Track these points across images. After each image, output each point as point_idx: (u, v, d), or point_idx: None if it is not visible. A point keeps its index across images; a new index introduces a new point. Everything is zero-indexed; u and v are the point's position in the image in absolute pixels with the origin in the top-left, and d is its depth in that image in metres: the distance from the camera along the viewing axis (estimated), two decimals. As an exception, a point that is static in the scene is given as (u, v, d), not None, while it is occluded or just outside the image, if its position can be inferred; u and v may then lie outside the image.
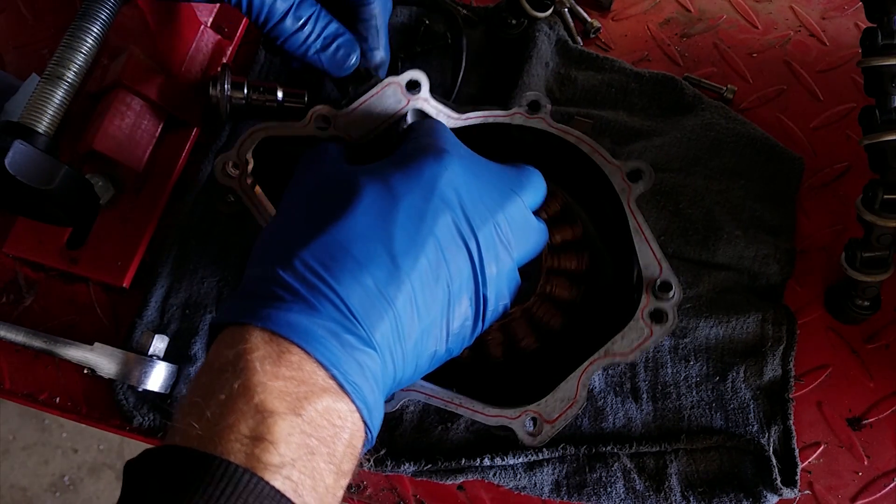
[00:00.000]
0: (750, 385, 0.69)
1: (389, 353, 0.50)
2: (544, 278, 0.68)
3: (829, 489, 0.69)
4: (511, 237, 0.57)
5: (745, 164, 0.77)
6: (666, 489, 0.66)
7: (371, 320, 0.48)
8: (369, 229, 0.51)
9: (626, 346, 0.61)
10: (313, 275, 0.48)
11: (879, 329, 0.74)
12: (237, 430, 0.42)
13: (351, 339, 0.47)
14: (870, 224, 0.68)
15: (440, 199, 0.53)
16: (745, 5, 0.88)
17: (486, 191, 0.57)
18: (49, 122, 0.61)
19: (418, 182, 0.54)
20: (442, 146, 0.57)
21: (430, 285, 0.51)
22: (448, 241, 0.53)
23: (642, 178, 0.66)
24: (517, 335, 0.67)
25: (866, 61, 0.66)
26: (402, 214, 0.52)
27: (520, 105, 0.69)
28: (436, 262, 0.52)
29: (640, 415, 0.69)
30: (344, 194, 0.53)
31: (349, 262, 0.49)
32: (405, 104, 0.66)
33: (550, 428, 0.60)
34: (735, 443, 0.67)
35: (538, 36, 0.81)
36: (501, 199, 0.57)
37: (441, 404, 0.61)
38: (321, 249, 0.49)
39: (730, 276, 0.73)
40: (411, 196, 0.53)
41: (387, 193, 0.53)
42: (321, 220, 0.52)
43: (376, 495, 0.69)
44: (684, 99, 0.80)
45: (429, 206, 0.53)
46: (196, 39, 0.78)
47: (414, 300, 0.50)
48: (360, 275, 0.49)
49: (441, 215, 0.53)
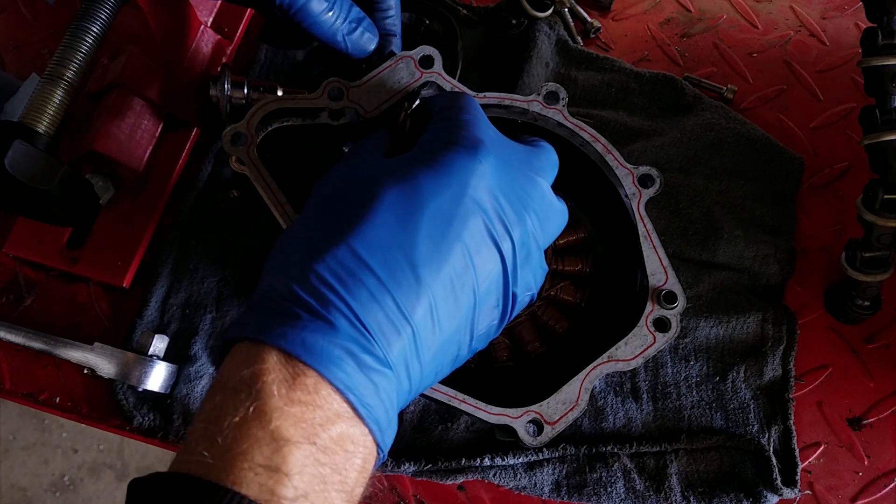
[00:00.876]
0: (750, 385, 0.69)
1: (405, 368, 0.47)
2: (549, 282, 0.68)
3: (830, 489, 0.69)
4: (539, 228, 0.54)
5: (746, 164, 0.77)
6: (666, 489, 0.66)
7: (388, 338, 0.46)
8: (389, 237, 0.48)
9: (629, 353, 0.61)
10: (329, 290, 0.46)
11: (879, 329, 0.74)
12: (251, 458, 0.40)
13: (367, 358, 0.45)
14: (870, 224, 0.68)
15: (472, 200, 0.50)
16: (746, 5, 0.88)
17: (517, 183, 0.53)
18: (49, 122, 0.61)
19: (447, 182, 0.50)
20: (475, 135, 0.53)
21: (455, 294, 0.49)
22: (478, 245, 0.50)
23: (652, 184, 0.66)
24: (523, 339, 0.66)
25: (866, 61, 0.66)
26: (426, 219, 0.49)
27: (538, 94, 0.68)
28: (462, 269, 0.49)
29: (640, 415, 0.69)
30: (363, 198, 0.50)
31: (366, 275, 0.46)
32: (419, 77, 0.66)
33: (551, 429, 0.59)
34: (735, 443, 0.67)
35: (538, 36, 0.81)
36: (531, 189, 0.54)
37: (445, 399, 0.61)
38: (337, 262, 0.47)
39: (730, 276, 0.73)
40: (439, 199, 0.49)
41: (412, 195, 0.49)
42: (339, 227, 0.49)
43: (376, 495, 0.69)
44: (684, 99, 0.80)
45: (458, 210, 0.49)
46: (196, 39, 0.78)
47: (435, 312, 0.48)
48: (376, 290, 0.46)
49: (471, 218, 0.50)
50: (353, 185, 0.52)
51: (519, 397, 0.63)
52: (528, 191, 0.54)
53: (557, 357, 0.67)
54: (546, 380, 0.65)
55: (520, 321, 0.67)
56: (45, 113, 0.61)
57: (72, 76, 0.62)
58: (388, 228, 0.48)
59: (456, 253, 0.49)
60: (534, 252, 0.54)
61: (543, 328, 0.67)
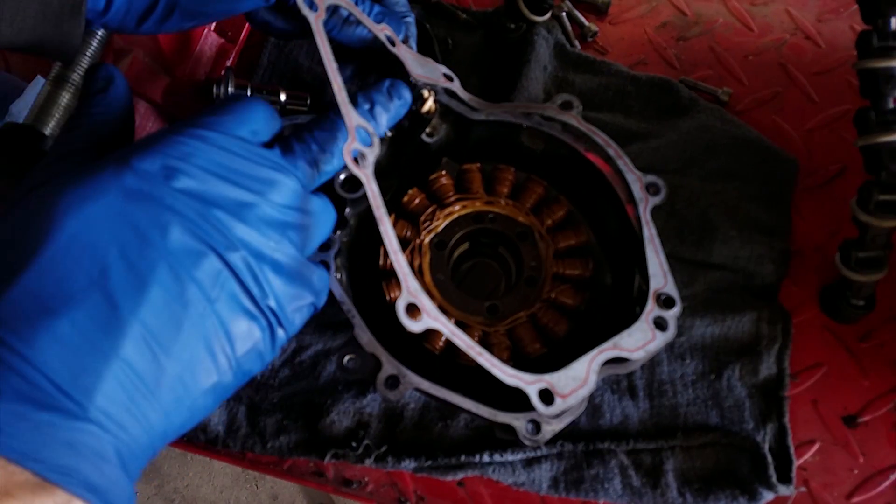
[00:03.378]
0: (745, 383, 0.70)
1: (128, 412, 0.41)
2: (550, 284, 0.69)
3: (825, 486, 0.69)
4: (277, 227, 0.48)
5: (741, 165, 0.78)
6: (662, 485, 0.67)
7: (83, 384, 0.39)
8: (74, 266, 0.40)
9: (632, 344, 0.61)
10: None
11: (874, 328, 0.74)
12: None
13: (50, 416, 0.38)
14: (865, 225, 0.68)
15: (165, 206, 0.43)
16: (741, 9, 0.89)
17: (232, 175, 0.46)
18: (55, 125, 0.62)
19: (132, 189, 0.43)
20: (158, 136, 0.46)
21: (176, 315, 0.42)
22: (190, 255, 0.43)
23: (657, 192, 0.67)
24: (523, 340, 0.67)
25: (861, 63, 0.66)
26: (117, 239, 0.42)
27: (553, 102, 0.71)
28: (177, 286, 0.42)
29: (636, 412, 0.69)
30: (38, 226, 0.42)
31: (43, 317, 0.39)
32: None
33: (562, 401, 0.58)
34: (731, 440, 0.68)
35: (536, 40, 0.82)
36: (258, 184, 0.47)
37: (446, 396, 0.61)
38: (8, 307, 0.39)
39: (725, 276, 0.74)
40: (129, 212, 0.42)
41: (99, 212, 0.42)
42: (11, 266, 0.41)
43: (377, 491, 0.69)
44: (680, 101, 0.81)
45: (153, 219, 0.43)
46: (200, 42, 0.79)
47: (153, 340, 0.41)
48: (58, 330, 0.39)
49: (171, 226, 0.43)
50: (25, 211, 0.44)
51: (520, 401, 0.63)
52: (256, 184, 0.47)
53: (557, 360, 0.68)
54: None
55: (520, 322, 0.68)
56: (51, 115, 0.62)
57: (77, 79, 0.63)
58: (73, 257, 0.41)
59: (162, 270, 0.42)
60: (284, 254, 0.48)
61: (543, 330, 0.68)
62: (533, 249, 0.70)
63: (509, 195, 0.73)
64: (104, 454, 0.40)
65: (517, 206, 0.72)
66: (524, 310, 0.68)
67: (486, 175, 0.74)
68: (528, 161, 0.74)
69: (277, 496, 1.78)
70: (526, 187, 0.73)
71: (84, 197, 0.42)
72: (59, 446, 0.38)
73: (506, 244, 0.73)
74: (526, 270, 0.70)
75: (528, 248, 0.71)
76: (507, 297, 0.69)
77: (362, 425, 0.69)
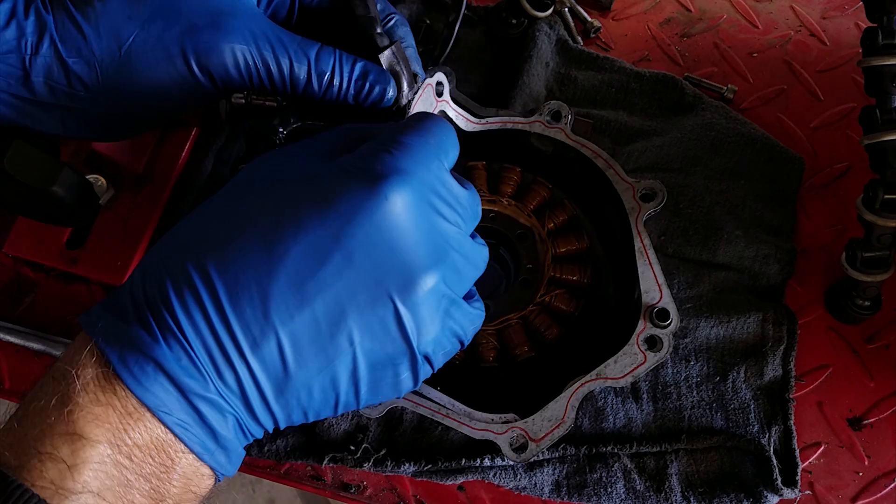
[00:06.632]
0: (750, 385, 0.69)
1: (246, 400, 0.45)
2: (545, 288, 0.68)
3: (830, 489, 0.69)
4: (455, 275, 0.49)
5: (746, 163, 0.77)
6: (666, 489, 0.66)
7: (218, 367, 0.44)
8: (247, 261, 0.44)
9: (618, 371, 0.61)
10: (166, 306, 0.44)
11: (880, 329, 0.74)
12: (41, 446, 0.41)
13: (190, 382, 0.43)
14: (870, 224, 0.68)
15: (356, 241, 0.45)
16: (746, 5, 0.88)
17: (427, 233, 0.47)
18: None
19: (328, 216, 0.45)
20: (393, 164, 0.47)
21: (319, 341, 0.45)
22: (358, 294, 0.45)
23: (654, 199, 0.66)
24: (512, 342, 0.66)
25: (867, 61, 0.66)
26: (295, 253, 0.44)
27: (541, 113, 0.70)
28: (332, 317, 0.45)
29: (640, 415, 0.69)
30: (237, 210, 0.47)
31: (209, 298, 0.44)
32: (435, 106, 0.66)
33: (535, 447, 0.59)
34: (735, 443, 0.67)
35: (538, 36, 0.81)
36: (449, 233, 0.49)
37: (428, 413, 0.61)
38: (185, 277, 0.44)
39: (730, 276, 0.73)
40: (314, 234, 0.45)
41: (285, 222, 0.45)
42: (204, 237, 0.46)
43: (376, 495, 0.69)
44: (684, 99, 0.80)
45: (336, 251, 0.45)
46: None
47: (288, 354, 0.45)
48: (215, 316, 0.44)
49: (347, 268, 0.45)
50: (255, 187, 0.49)
51: (503, 400, 0.63)
52: (447, 234, 0.48)
53: (545, 364, 0.67)
54: (532, 385, 0.65)
55: (510, 323, 0.67)
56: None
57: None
58: (250, 252, 0.45)
59: (324, 298, 0.44)
60: (451, 305, 0.49)
61: (534, 333, 0.67)
62: (531, 251, 0.70)
63: (513, 195, 0.72)
64: (226, 425, 0.45)
65: (519, 207, 0.71)
66: (516, 312, 0.67)
67: (491, 173, 0.73)
68: (538, 162, 0.73)
69: (274, 500, 1.77)
70: (531, 188, 0.73)
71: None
72: (187, 408, 0.44)
73: (506, 244, 0.72)
74: (522, 272, 0.69)
75: (526, 249, 0.70)
76: (500, 297, 0.68)
77: (361, 429, 0.68)
